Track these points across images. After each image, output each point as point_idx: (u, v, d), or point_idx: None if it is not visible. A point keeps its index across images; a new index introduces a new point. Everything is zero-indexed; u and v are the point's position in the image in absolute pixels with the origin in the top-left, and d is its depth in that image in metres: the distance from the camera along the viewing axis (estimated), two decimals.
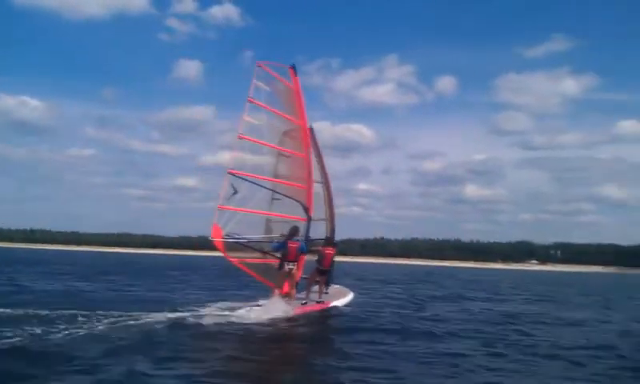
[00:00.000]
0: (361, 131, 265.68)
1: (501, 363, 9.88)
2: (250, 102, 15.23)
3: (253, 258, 15.24)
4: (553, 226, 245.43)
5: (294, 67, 16.53)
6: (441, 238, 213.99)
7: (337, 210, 17.73)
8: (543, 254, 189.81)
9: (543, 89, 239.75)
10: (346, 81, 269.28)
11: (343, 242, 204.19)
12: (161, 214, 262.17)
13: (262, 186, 15.50)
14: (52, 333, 10.31)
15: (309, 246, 15.75)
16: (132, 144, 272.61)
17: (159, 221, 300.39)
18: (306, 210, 15.80)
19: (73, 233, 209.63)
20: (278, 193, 15.87)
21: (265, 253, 15.42)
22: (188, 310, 14.07)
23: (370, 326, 13.67)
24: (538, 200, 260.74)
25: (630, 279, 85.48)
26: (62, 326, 10.86)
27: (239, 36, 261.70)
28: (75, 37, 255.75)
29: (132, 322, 11.90)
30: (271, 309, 13.91)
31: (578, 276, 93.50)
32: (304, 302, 15.28)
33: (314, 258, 16.01)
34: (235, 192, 14.91)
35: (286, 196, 15.83)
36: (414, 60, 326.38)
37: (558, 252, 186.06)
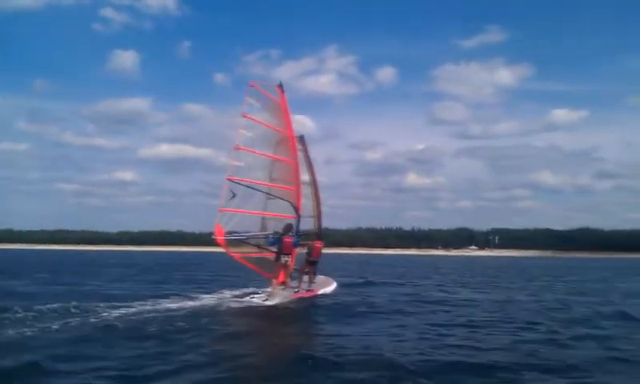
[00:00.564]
0: (303, 122, 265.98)
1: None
2: (244, 117, 17.56)
3: (251, 252, 17.68)
4: (491, 213, 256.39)
5: (281, 86, 18.96)
6: (384, 226, 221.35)
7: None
8: (482, 239, 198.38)
9: (479, 79, 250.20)
10: (286, 72, 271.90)
11: None
12: (99, 210, 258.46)
13: (256, 190, 17.79)
14: None
15: (300, 239, 18.25)
16: (66, 138, 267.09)
17: (97, 216, 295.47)
18: (296, 209, 18.28)
19: (6, 230, 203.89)
20: (271, 195, 18.23)
21: (261, 248, 17.88)
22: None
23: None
24: (476, 187, 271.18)
25: (563, 262, 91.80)
26: None
27: (176, 26, 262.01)
28: (6, 27, 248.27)
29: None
30: (275, 296, 16.44)
31: (514, 261, 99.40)
32: (297, 290, 17.83)
33: (304, 250, 18.58)
34: (234, 196, 17.22)
35: (278, 197, 18.25)
36: (354, 50, 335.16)
37: (496, 238, 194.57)
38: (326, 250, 20.34)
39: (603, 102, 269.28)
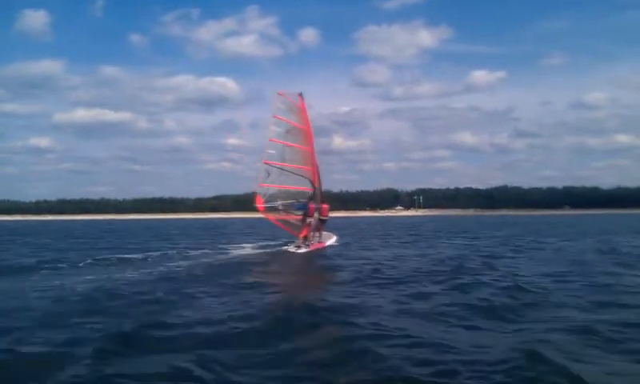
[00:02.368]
0: (226, 84, 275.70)
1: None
2: (275, 117, 25.53)
3: (283, 216, 25.84)
4: (415, 174, 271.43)
5: (301, 94, 26.86)
6: None
7: (205, 167, 28.85)
8: (407, 200, 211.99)
9: (400, 41, 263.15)
10: (207, 32, 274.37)
11: (215, 197, 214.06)
12: (13, 178, 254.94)
13: (285, 170, 25.76)
14: None
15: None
16: None
17: (12, 185, 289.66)
18: (312, 183, 26.39)
19: None
20: (294, 173, 26.21)
21: (288, 212, 25.99)
22: None
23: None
24: (401, 149, 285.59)
25: (483, 219, 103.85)
26: None
27: None
28: None
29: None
30: (301, 247, 24.72)
31: (438, 219, 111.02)
32: (313, 242, 26.01)
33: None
34: (269, 175, 25.20)
35: (300, 175, 26.30)
36: (275, 11, 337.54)
37: (421, 198, 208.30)
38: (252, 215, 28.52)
39: (520, 64, 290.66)
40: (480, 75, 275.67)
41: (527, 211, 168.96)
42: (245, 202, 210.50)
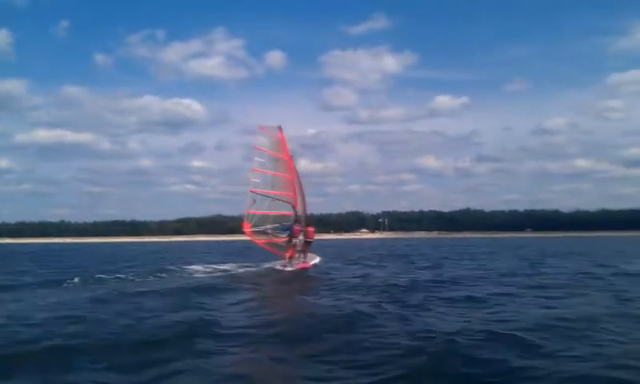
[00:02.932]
0: (191, 106, 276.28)
1: None
2: (258, 149, 28.46)
3: (269, 239, 28.58)
4: (379, 196, 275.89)
5: (280, 127, 29.82)
6: None
7: (169, 189, 32.09)
8: (372, 223, 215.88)
9: (366, 65, 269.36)
10: (173, 53, 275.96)
11: (178, 221, 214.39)
12: None
13: (268, 197, 28.54)
14: None
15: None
16: None
17: None
18: (294, 207, 29.17)
19: None
20: (278, 200, 29.00)
21: (274, 235, 28.73)
22: None
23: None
24: (365, 172, 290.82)
25: (444, 242, 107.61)
26: None
27: (53, 4, 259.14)
28: None
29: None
30: (288, 265, 27.44)
31: (402, 241, 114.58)
32: (298, 261, 28.74)
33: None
34: (255, 201, 27.98)
35: (282, 201, 29.09)
36: (242, 34, 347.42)
37: (386, 220, 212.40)
38: (215, 238, 31.54)
39: (483, 89, 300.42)
40: (444, 100, 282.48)
41: (490, 234, 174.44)
42: (208, 224, 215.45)
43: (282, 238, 28.73)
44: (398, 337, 10.79)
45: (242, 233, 29.94)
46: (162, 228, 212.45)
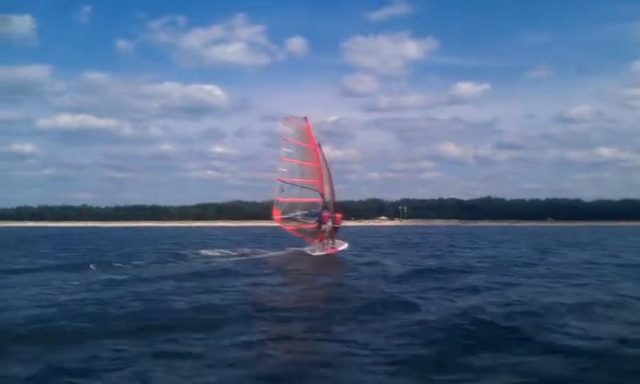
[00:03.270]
0: (212, 92, 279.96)
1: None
2: (285, 140, 30.07)
3: (298, 225, 30.26)
4: (399, 184, 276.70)
5: (306, 117, 31.50)
6: None
7: (190, 174, 35.12)
8: (392, 210, 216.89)
9: (387, 52, 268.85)
10: (194, 39, 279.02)
11: (198, 206, 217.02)
12: None
13: (296, 185, 30.18)
14: None
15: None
16: None
17: None
18: (322, 195, 30.79)
19: None
20: (304, 187, 30.63)
21: (302, 221, 30.38)
22: None
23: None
24: (385, 159, 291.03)
25: (462, 230, 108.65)
26: None
27: None
28: None
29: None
30: (317, 250, 29.11)
31: (422, 229, 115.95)
32: (327, 247, 30.37)
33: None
34: (283, 190, 29.66)
35: (310, 188, 30.71)
36: (263, 20, 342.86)
37: (405, 208, 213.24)
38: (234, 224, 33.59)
39: (504, 76, 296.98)
40: (465, 87, 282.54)
41: (510, 223, 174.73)
42: (228, 210, 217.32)
43: (311, 225, 30.42)
44: None
45: (262, 218, 31.98)
46: (182, 213, 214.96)
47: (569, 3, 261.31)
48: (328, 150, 30.39)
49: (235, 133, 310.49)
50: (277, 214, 29.84)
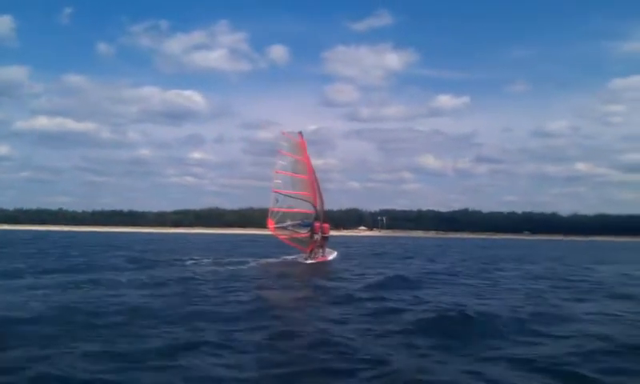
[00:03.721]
0: (192, 97, 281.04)
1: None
2: (280, 152, 32.28)
3: (290, 234, 32.46)
4: (379, 194, 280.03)
5: (300, 132, 33.85)
6: None
7: (168, 180, 40.35)
8: (371, 220, 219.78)
9: (368, 62, 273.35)
10: (176, 44, 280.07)
11: (176, 212, 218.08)
12: None
13: (290, 196, 32.41)
14: None
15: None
16: None
17: None
18: (314, 205, 33.05)
19: None
20: (298, 199, 32.86)
21: (295, 231, 32.59)
22: None
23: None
24: (365, 169, 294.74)
25: (439, 242, 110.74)
26: None
27: None
28: None
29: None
30: (308, 259, 31.39)
31: (398, 240, 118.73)
32: (317, 255, 32.64)
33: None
34: (277, 201, 31.87)
35: (303, 200, 32.97)
36: (245, 27, 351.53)
37: (384, 218, 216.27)
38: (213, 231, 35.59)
39: (484, 90, 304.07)
40: (445, 99, 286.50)
41: (488, 235, 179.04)
42: (207, 216, 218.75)
43: (303, 234, 32.61)
44: None
45: (240, 226, 33.93)
46: (160, 219, 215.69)
47: (550, 19, 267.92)
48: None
49: (215, 139, 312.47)
50: (271, 223, 31.84)
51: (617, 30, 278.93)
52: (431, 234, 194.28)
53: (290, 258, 33.75)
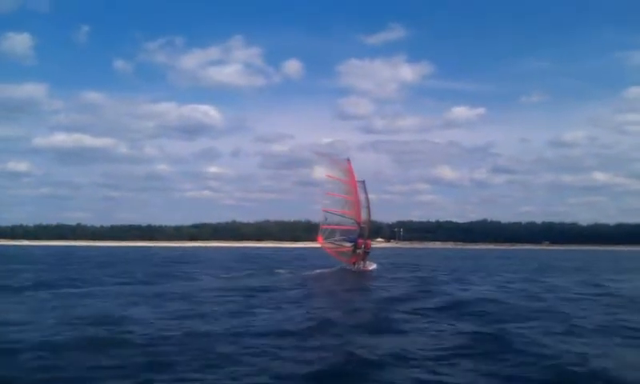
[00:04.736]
0: (208, 112, 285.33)
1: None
2: (328, 176, 38.10)
3: (337, 248, 38.30)
4: (395, 206, 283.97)
5: (348, 159, 40.01)
6: (292, 219, 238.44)
7: (185, 194, 70.32)
8: (388, 232, 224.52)
9: (382, 75, 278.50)
10: (191, 60, 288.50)
11: (194, 226, 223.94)
12: None
13: (337, 215, 38.20)
14: None
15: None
16: None
17: None
18: (358, 224, 38.82)
19: None
20: (344, 216, 38.63)
21: (340, 244, 38.37)
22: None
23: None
24: (381, 181, 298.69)
25: (460, 253, 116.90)
26: None
27: (74, 9, 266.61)
28: None
29: None
30: (355, 268, 37.18)
31: (418, 251, 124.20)
32: (362, 266, 38.43)
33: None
34: (326, 219, 37.68)
35: (349, 218, 38.74)
36: (260, 42, 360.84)
37: (401, 230, 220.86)
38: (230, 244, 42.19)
39: (499, 101, 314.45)
40: (460, 111, 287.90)
41: (507, 246, 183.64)
42: (223, 230, 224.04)
43: (347, 248, 38.41)
44: None
45: (256, 239, 40.14)
46: (177, 233, 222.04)
47: (564, 31, 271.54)
48: (322, 171, 38.61)
49: (230, 153, 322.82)
50: (321, 239, 37.86)
51: (630, 40, 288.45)
52: (449, 244, 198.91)
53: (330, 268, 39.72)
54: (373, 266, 40.83)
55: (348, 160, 40.08)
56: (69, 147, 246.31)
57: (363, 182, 40.63)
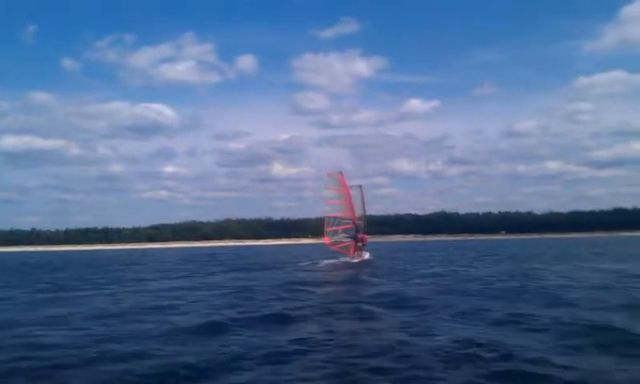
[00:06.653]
0: (162, 111, 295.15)
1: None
2: (329, 188, 50.52)
3: (339, 244, 50.62)
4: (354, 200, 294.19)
5: (341, 172, 52.16)
6: (253, 217, 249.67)
7: (142, 195, 78.73)
8: None
9: (337, 70, 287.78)
10: (142, 58, 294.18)
11: (153, 227, 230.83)
12: None
13: (337, 218, 50.47)
14: None
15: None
16: None
17: None
18: (353, 222, 51.05)
19: None
20: (343, 218, 50.85)
21: (342, 241, 50.62)
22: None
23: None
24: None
25: (414, 245, 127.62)
26: None
27: (19, 9, 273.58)
28: None
29: None
30: (354, 259, 49.57)
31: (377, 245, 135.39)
32: (358, 256, 50.71)
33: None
34: (329, 223, 50.00)
35: (346, 219, 51.00)
36: (212, 38, 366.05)
37: (362, 224, 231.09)
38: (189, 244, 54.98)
39: (453, 93, 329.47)
40: (415, 104, 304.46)
41: (464, 237, 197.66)
42: (183, 230, 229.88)
43: (347, 243, 50.67)
44: None
45: (217, 239, 51.05)
46: (135, 235, 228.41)
47: (516, 22, 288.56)
48: (281, 168, 48.61)
49: (187, 152, 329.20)
50: (327, 240, 50.22)
51: (580, 30, 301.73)
52: (409, 237, 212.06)
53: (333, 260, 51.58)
54: (367, 255, 52.74)
55: (341, 173, 52.03)
56: (18, 150, 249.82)
57: (360, 186, 53.13)
